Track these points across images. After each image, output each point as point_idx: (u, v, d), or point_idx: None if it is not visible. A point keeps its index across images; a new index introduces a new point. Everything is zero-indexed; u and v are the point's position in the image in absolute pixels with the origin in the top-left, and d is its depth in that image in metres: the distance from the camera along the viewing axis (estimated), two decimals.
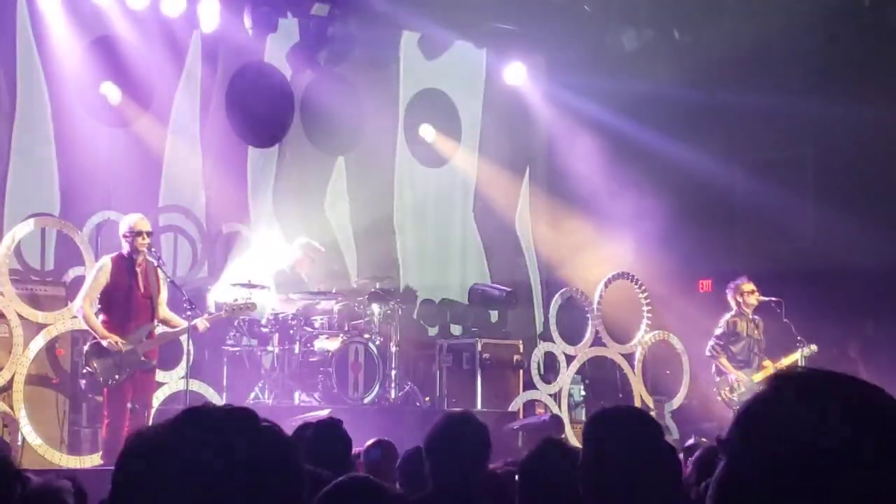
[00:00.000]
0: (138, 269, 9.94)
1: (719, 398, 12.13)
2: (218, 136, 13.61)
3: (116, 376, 9.74)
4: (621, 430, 3.61)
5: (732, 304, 12.22)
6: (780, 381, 1.48)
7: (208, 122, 13.56)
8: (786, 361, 11.95)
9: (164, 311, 10.18)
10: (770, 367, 11.88)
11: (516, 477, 4.24)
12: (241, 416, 1.63)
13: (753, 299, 12.10)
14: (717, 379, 12.19)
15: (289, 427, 5.92)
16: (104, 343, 9.73)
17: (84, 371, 9.87)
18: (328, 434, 5.38)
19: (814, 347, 12.01)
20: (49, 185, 12.56)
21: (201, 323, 10.23)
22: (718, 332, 12.18)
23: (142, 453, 1.59)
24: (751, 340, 12.11)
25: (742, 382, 11.91)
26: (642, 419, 3.75)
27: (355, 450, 6.74)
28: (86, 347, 9.93)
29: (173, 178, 13.31)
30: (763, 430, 1.41)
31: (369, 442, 6.54)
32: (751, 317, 12.18)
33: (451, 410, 4.91)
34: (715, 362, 12.16)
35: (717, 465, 1.46)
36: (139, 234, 9.90)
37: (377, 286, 12.56)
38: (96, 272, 9.92)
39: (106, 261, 9.99)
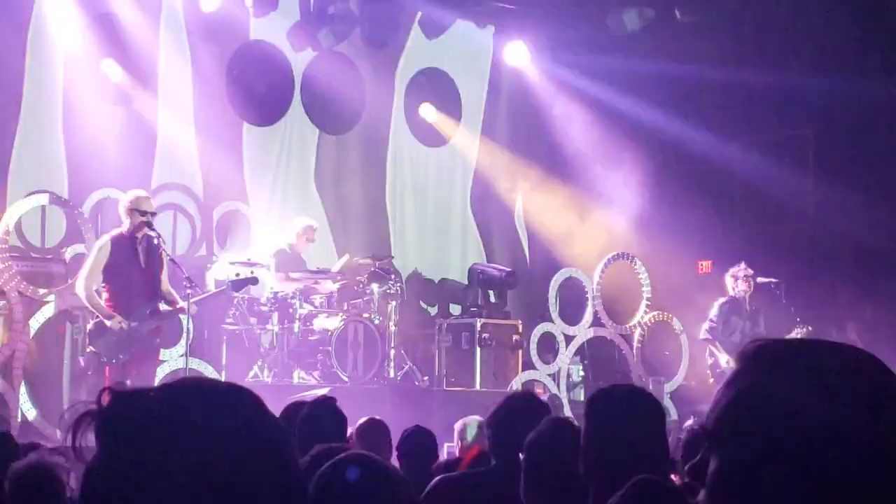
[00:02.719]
0: (139, 247, 9.88)
1: (711, 380, 12.11)
2: (217, 114, 13.57)
3: (121, 355, 9.67)
4: (622, 409, 3.61)
5: (729, 285, 12.17)
6: (759, 356, 1.34)
7: (208, 100, 13.51)
8: None
9: (166, 287, 10.13)
10: None
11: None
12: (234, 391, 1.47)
13: (743, 286, 12.07)
14: (710, 361, 12.17)
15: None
16: (108, 323, 9.67)
17: (88, 350, 9.84)
18: (323, 412, 5.38)
19: (809, 329, 11.97)
20: (56, 162, 12.54)
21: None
22: (713, 315, 12.12)
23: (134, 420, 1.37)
24: (744, 331, 11.94)
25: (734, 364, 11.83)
26: (643, 398, 3.76)
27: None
28: (89, 327, 9.87)
29: (172, 156, 13.28)
30: (755, 413, 1.27)
31: (362, 420, 6.53)
32: (747, 306, 12.07)
33: (514, 391, 5.05)
34: (709, 346, 12.12)
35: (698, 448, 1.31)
36: (140, 211, 9.86)
37: (377, 265, 12.55)
38: (97, 251, 9.85)
39: (106, 239, 9.92)
